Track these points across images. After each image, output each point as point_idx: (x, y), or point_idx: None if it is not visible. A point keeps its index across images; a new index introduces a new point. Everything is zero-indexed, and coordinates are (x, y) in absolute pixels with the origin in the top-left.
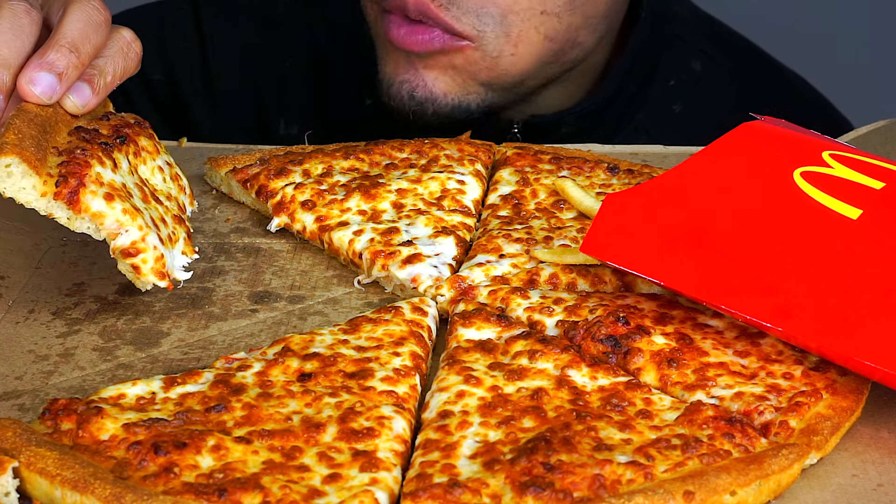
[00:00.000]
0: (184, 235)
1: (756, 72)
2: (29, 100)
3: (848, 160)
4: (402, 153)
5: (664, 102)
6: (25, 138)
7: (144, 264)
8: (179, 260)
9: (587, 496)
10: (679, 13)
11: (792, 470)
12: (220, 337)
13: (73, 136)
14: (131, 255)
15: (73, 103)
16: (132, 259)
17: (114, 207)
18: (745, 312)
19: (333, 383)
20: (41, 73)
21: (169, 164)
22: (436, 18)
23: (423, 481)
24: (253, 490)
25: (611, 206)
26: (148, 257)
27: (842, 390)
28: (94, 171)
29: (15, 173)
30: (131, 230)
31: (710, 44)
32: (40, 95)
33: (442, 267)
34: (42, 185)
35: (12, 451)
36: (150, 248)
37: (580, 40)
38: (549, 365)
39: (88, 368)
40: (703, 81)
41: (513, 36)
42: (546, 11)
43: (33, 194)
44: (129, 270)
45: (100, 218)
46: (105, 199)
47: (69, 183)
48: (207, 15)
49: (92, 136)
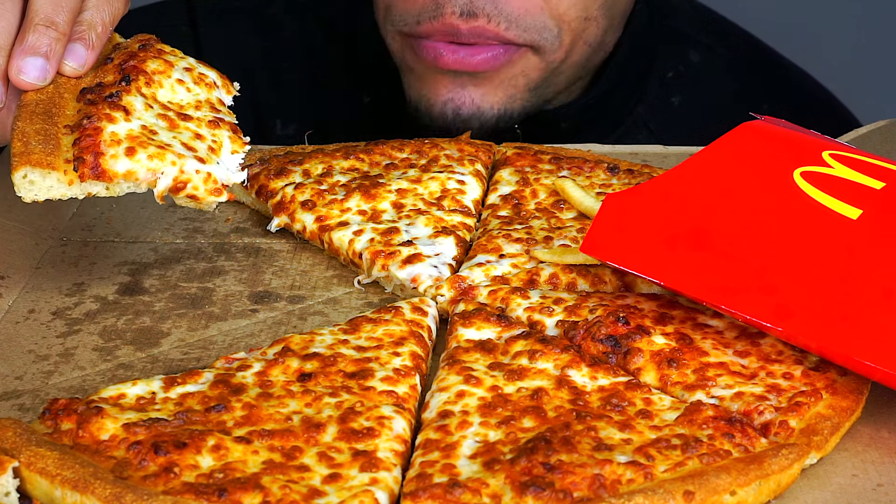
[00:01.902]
0: (227, 135)
1: (756, 64)
2: (26, 88)
3: (848, 160)
4: (402, 153)
5: (663, 95)
6: (30, 140)
7: (197, 191)
8: (231, 161)
9: (587, 496)
10: (677, 5)
11: (792, 470)
12: (220, 337)
13: (80, 101)
14: (180, 190)
15: (71, 68)
16: (183, 193)
17: (138, 159)
18: (745, 312)
19: (333, 383)
20: (27, 60)
21: (188, 69)
22: (495, 36)
23: (423, 481)
24: (253, 490)
25: (611, 206)
26: (196, 183)
27: (842, 390)
28: (106, 134)
29: (35, 180)
30: (166, 170)
31: (708, 36)
32: (34, 81)
33: (442, 267)
34: (64, 175)
35: (12, 450)
36: (192, 175)
37: (606, 41)
38: (549, 365)
39: (88, 368)
40: (702, 73)
41: (565, 45)
42: (588, 17)
43: (62, 188)
44: (187, 202)
45: (132, 175)
46: (127, 156)
47: (86, 161)
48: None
49: (97, 93)
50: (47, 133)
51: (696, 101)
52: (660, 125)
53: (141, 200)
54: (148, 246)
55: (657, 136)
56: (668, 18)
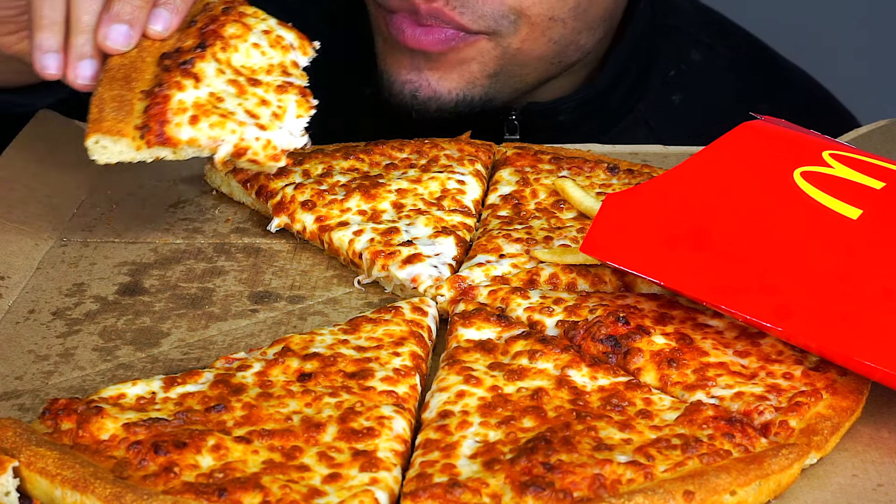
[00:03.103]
0: (293, 100)
1: (757, 63)
2: (111, 53)
3: (848, 160)
4: (402, 153)
5: (664, 93)
6: (105, 107)
7: (257, 156)
8: (295, 126)
9: (587, 496)
10: (679, 5)
11: (792, 470)
12: (220, 337)
13: (159, 66)
14: (241, 155)
15: (156, 32)
16: (244, 157)
17: (200, 128)
18: (745, 312)
19: (333, 383)
20: (112, 27)
21: (266, 32)
22: (451, 21)
23: (423, 481)
24: (253, 490)
25: (611, 206)
26: (256, 149)
27: (842, 390)
28: (174, 102)
29: (107, 146)
30: (227, 138)
31: (709, 35)
32: (118, 47)
33: (442, 267)
34: (132, 141)
35: (12, 450)
36: (252, 142)
37: (581, 42)
38: (549, 365)
39: (88, 368)
40: (703, 72)
41: (522, 35)
42: (554, 18)
43: (131, 152)
44: (249, 166)
45: (194, 142)
46: (191, 124)
47: (152, 129)
48: None
49: (173, 59)
50: (122, 99)
51: (696, 99)
52: (660, 123)
53: (141, 201)
54: (148, 246)
55: (657, 134)
56: (670, 17)
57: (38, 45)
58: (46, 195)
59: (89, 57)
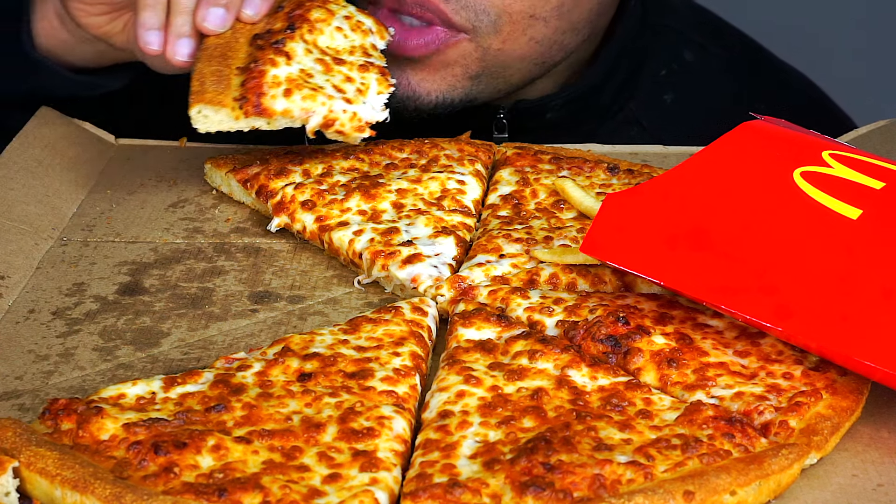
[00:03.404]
0: (374, 78)
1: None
2: (208, 34)
3: (848, 160)
4: (402, 153)
5: (655, 92)
6: (206, 80)
7: (343, 127)
8: (377, 101)
9: (587, 496)
10: (673, 5)
11: (792, 470)
12: (220, 337)
13: (251, 45)
14: (329, 126)
15: (248, 16)
16: (332, 129)
17: (294, 100)
18: (745, 312)
19: (333, 383)
20: (210, 10)
21: (347, 17)
22: (435, 10)
23: (423, 481)
24: (253, 490)
25: (611, 206)
26: (343, 121)
27: (842, 390)
28: (269, 77)
29: (208, 115)
30: (317, 109)
31: (702, 35)
32: (215, 29)
33: (442, 267)
34: (231, 111)
35: (12, 450)
36: (340, 114)
37: (565, 42)
38: (549, 365)
39: (88, 368)
40: (696, 72)
41: (503, 34)
42: (536, 16)
43: (230, 122)
44: (336, 136)
45: (288, 113)
46: (285, 96)
47: (250, 100)
48: None
49: (266, 39)
50: (221, 74)
51: (688, 99)
52: (652, 122)
53: (141, 201)
54: (148, 246)
55: (649, 133)
56: (663, 17)
57: (141, 22)
58: (46, 195)
59: (187, 36)
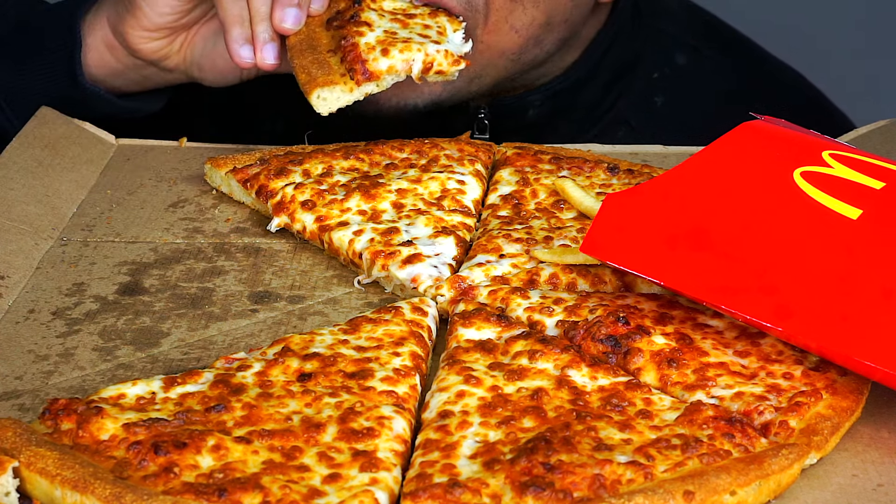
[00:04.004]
0: (446, 19)
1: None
2: (286, 34)
3: (848, 160)
4: (402, 153)
5: (647, 95)
6: (310, 69)
7: (441, 66)
8: (456, 37)
9: (587, 496)
10: (669, 7)
11: (792, 470)
12: (220, 337)
13: (329, 30)
14: (429, 70)
15: (316, 9)
16: (431, 71)
17: (393, 55)
18: (745, 312)
19: (333, 383)
20: (286, 10)
21: None
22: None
23: (423, 481)
24: (253, 490)
25: (611, 206)
26: (440, 60)
27: (842, 390)
28: (362, 45)
29: (326, 97)
30: (415, 56)
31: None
32: (293, 27)
33: (442, 267)
34: (344, 85)
35: (12, 450)
36: (435, 55)
37: (542, 38)
38: (549, 365)
39: (88, 368)
40: (688, 75)
41: (489, 24)
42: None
43: (346, 96)
44: (437, 78)
45: (392, 69)
46: (384, 55)
47: (357, 69)
48: None
49: (340, 20)
50: (319, 61)
51: (679, 102)
52: (640, 122)
53: (141, 201)
54: (148, 246)
55: (637, 133)
56: (658, 19)
57: (234, 38)
58: (46, 195)
59: (271, 41)
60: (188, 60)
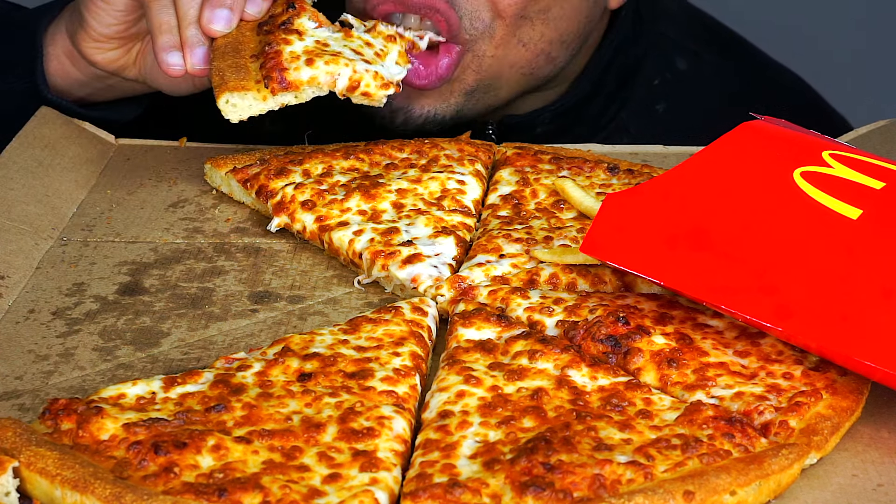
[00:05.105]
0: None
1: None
2: (215, 36)
3: (848, 160)
4: (402, 153)
5: (648, 102)
6: (225, 73)
7: (369, 88)
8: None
9: (587, 496)
10: (669, 9)
11: (792, 470)
12: (220, 337)
13: (259, 34)
14: (355, 89)
15: (251, 14)
16: (357, 91)
17: (318, 66)
18: (745, 312)
19: (333, 383)
20: (215, 12)
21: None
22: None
23: (423, 481)
24: (253, 490)
25: (611, 206)
26: (368, 81)
27: (842, 390)
28: (286, 54)
29: (236, 103)
30: (342, 71)
31: (696, 42)
32: (221, 29)
33: (442, 267)
34: (258, 93)
35: (12, 450)
36: (363, 74)
37: (553, 55)
38: (549, 365)
39: (88, 368)
40: (689, 80)
41: (496, 39)
42: (525, 16)
43: (258, 104)
44: (362, 100)
45: (314, 80)
46: (307, 65)
47: (273, 77)
48: None
49: (270, 24)
50: (237, 65)
51: (680, 109)
52: (640, 130)
53: (141, 201)
54: (148, 246)
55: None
56: (658, 23)
57: (161, 46)
58: (46, 195)
59: (200, 44)
60: (143, 71)
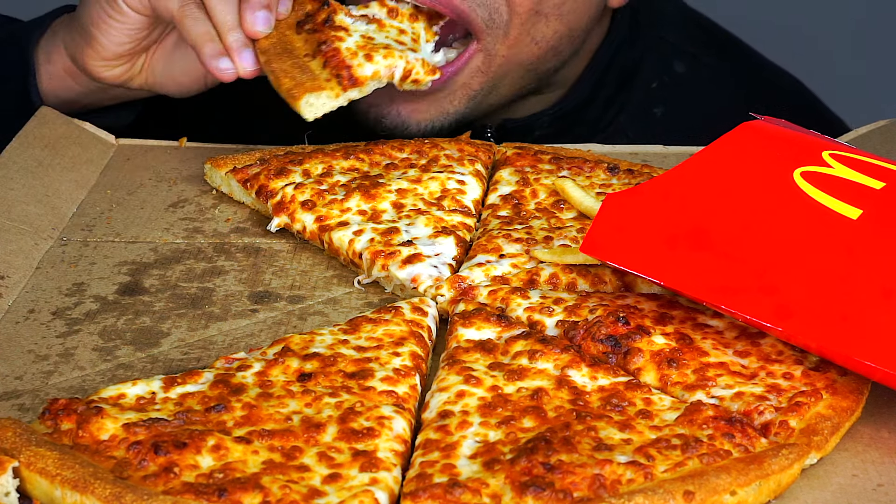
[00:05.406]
0: (422, 26)
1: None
2: (258, 38)
3: (848, 160)
4: (402, 153)
5: (645, 105)
6: (295, 75)
7: (419, 75)
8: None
9: (587, 496)
10: (666, 11)
11: (792, 470)
12: (220, 337)
13: (300, 33)
14: (406, 78)
15: (282, 12)
16: (408, 80)
17: (377, 61)
18: (745, 312)
19: (333, 383)
20: (255, 14)
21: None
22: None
23: (423, 481)
24: (253, 490)
25: (611, 206)
26: (418, 69)
27: (842, 390)
28: (343, 51)
29: (313, 102)
30: (397, 63)
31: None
32: (265, 30)
33: (442, 267)
34: (330, 91)
35: (12, 450)
36: (415, 64)
37: (561, 48)
38: (549, 365)
39: (88, 368)
40: (686, 84)
41: (511, 37)
42: (540, 12)
43: (331, 101)
44: (410, 86)
45: (376, 75)
46: (367, 60)
47: (343, 75)
48: None
49: (312, 23)
50: (299, 65)
51: (678, 112)
52: (639, 133)
53: (141, 201)
54: (148, 246)
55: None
56: (655, 27)
57: (208, 56)
58: (46, 195)
59: (245, 47)
60: (150, 80)
